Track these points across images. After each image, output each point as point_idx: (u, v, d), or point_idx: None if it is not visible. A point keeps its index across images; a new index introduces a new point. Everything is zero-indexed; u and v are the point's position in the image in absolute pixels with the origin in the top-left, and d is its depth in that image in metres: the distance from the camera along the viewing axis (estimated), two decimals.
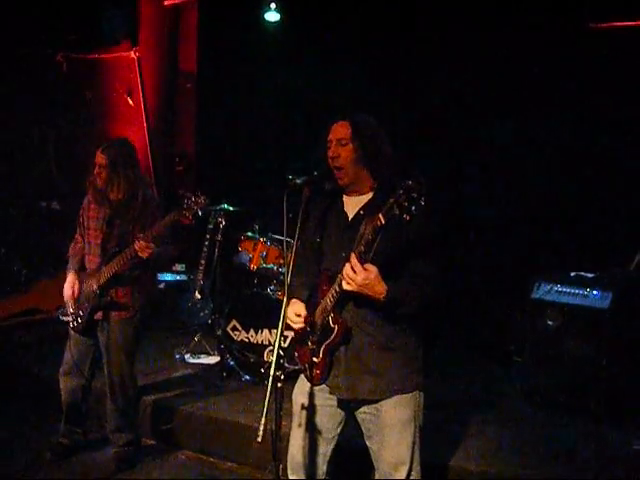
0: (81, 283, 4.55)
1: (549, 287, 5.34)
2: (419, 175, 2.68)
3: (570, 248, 6.41)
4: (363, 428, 3.24)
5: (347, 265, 2.86)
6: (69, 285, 4.55)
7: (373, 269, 2.85)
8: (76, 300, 4.51)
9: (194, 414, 5.08)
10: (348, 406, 3.23)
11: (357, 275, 2.83)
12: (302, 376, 3.31)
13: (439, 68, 7.12)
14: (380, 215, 2.74)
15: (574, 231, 6.56)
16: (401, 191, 2.66)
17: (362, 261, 2.84)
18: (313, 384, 3.21)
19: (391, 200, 2.69)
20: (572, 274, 5.40)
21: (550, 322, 5.26)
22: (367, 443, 3.25)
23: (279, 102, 8.06)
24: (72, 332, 4.61)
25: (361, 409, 3.19)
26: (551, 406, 5.16)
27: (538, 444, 4.58)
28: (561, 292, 5.27)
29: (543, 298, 5.33)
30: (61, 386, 4.69)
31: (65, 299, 4.57)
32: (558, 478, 4.15)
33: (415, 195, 2.64)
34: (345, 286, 2.89)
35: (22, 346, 6.61)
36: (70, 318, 4.54)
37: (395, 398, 3.11)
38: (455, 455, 4.34)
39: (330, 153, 3.14)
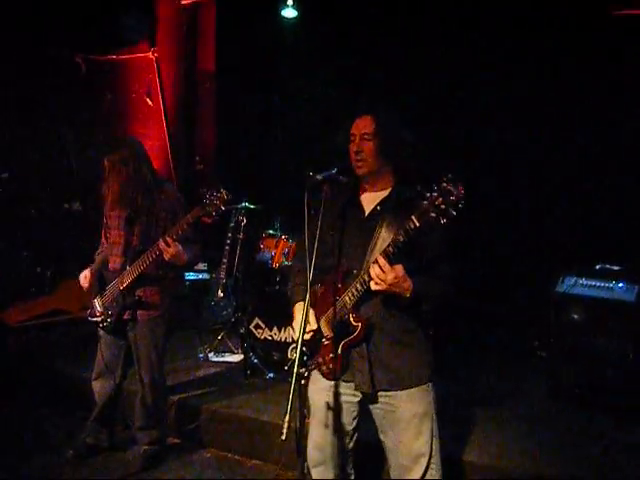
0: (107, 282, 4.55)
1: (574, 280, 5.27)
2: (456, 178, 2.67)
3: (595, 240, 6.32)
4: (377, 424, 3.26)
5: (374, 266, 2.87)
6: (82, 276, 4.62)
7: (400, 268, 2.87)
8: (101, 298, 4.53)
9: (218, 412, 5.08)
10: (363, 401, 3.24)
11: (387, 275, 2.84)
12: (314, 373, 3.29)
13: (461, 63, 7.04)
14: (414, 217, 2.76)
15: (599, 223, 6.47)
16: (435, 194, 2.65)
17: (390, 262, 2.84)
18: (328, 379, 3.21)
19: (425, 203, 2.69)
20: (597, 267, 5.33)
21: (575, 316, 5.19)
22: (381, 438, 3.27)
23: (298, 99, 8.03)
24: (102, 333, 4.62)
25: (377, 405, 3.20)
26: (577, 402, 5.09)
27: (563, 442, 4.52)
28: (586, 285, 5.20)
29: (568, 292, 5.26)
30: (94, 390, 4.70)
31: (85, 290, 4.61)
32: (580, 477, 4.08)
33: (454, 198, 2.65)
34: (374, 287, 2.90)
35: (47, 346, 6.66)
36: (99, 319, 4.54)
37: (409, 392, 3.14)
38: (476, 452, 4.31)
39: (354, 147, 3.16)
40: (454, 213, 2.66)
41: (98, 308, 4.54)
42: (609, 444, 4.47)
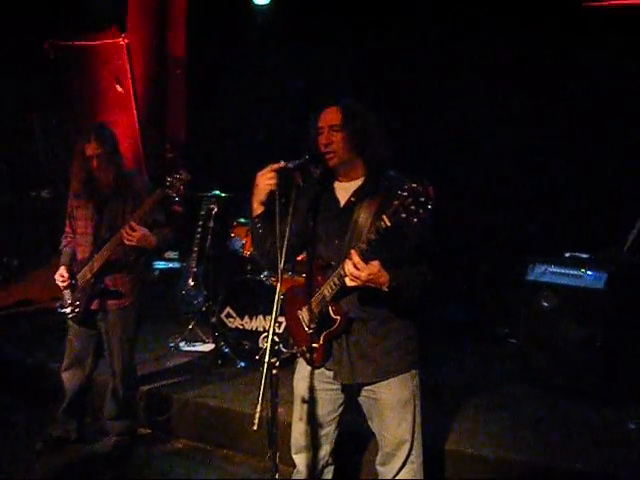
0: (75, 273, 4.47)
1: (543, 268, 5.32)
2: (424, 179, 2.65)
3: (564, 229, 6.38)
4: (365, 411, 3.29)
5: (349, 263, 2.83)
6: (58, 275, 4.46)
7: (376, 263, 2.83)
8: (72, 290, 4.45)
9: (189, 402, 5.06)
10: (348, 390, 3.25)
11: (361, 272, 2.81)
12: (300, 360, 3.32)
13: (431, 53, 7.04)
14: (385, 217, 2.72)
15: (569, 212, 6.52)
16: (406, 193, 2.63)
17: (364, 258, 2.81)
18: (313, 367, 3.23)
19: (396, 202, 2.66)
20: (566, 255, 5.38)
21: (545, 303, 5.24)
22: (370, 425, 3.30)
23: (269, 86, 7.99)
24: (72, 323, 4.56)
25: (361, 393, 3.23)
26: (547, 388, 5.13)
27: (534, 427, 4.56)
28: (556, 273, 5.25)
29: (538, 279, 5.31)
30: (64, 381, 4.63)
31: (60, 288, 4.50)
32: (555, 461, 4.10)
33: (423, 199, 2.61)
34: (349, 283, 2.87)
35: (15, 337, 6.57)
36: (68, 310, 4.47)
37: (391, 380, 3.15)
38: (452, 439, 4.33)
39: (323, 140, 3.11)
40: (425, 213, 2.63)
41: (67, 299, 4.48)
42: (579, 429, 4.52)
